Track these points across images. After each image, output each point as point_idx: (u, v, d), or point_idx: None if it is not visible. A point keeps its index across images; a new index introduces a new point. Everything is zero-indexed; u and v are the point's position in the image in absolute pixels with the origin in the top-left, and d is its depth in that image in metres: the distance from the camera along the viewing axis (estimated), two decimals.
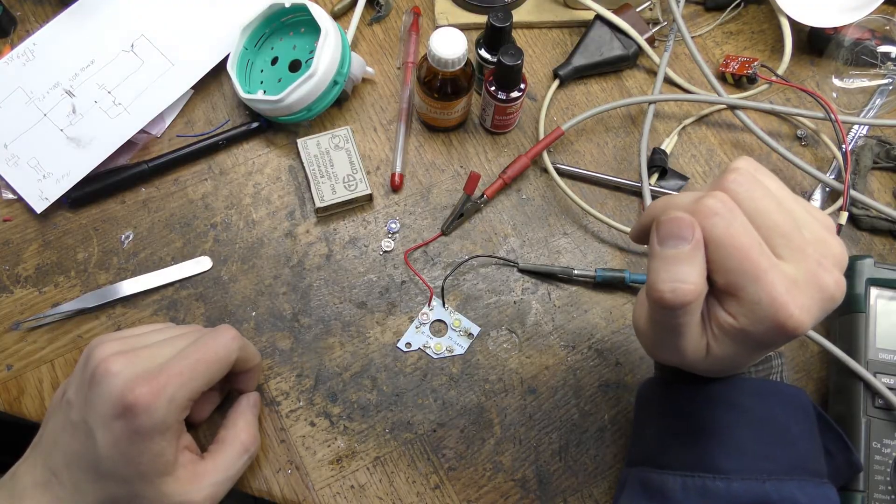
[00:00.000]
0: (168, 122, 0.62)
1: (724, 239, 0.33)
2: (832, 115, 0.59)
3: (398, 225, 0.60)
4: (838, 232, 0.57)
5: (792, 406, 0.41)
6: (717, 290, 0.35)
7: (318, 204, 0.58)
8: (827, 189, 0.63)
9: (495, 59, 0.56)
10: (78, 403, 0.44)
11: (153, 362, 0.44)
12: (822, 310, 0.35)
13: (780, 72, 0.65)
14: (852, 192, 0.59)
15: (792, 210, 0.36)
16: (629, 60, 0.65)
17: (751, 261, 0.33)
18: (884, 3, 0.63)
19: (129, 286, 0.57)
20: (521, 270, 0.59)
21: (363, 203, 0.60)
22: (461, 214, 0.59)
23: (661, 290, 0.34)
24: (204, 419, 0.52)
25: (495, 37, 0.58)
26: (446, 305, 0.57)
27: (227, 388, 0.53)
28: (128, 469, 0.43)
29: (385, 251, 0.59)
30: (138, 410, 0.41)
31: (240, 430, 0.49)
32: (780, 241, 0.34)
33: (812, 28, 0.66)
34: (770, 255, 0.34)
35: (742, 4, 0.69)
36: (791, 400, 0.41)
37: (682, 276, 0.33)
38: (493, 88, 0.58)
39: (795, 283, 0.33)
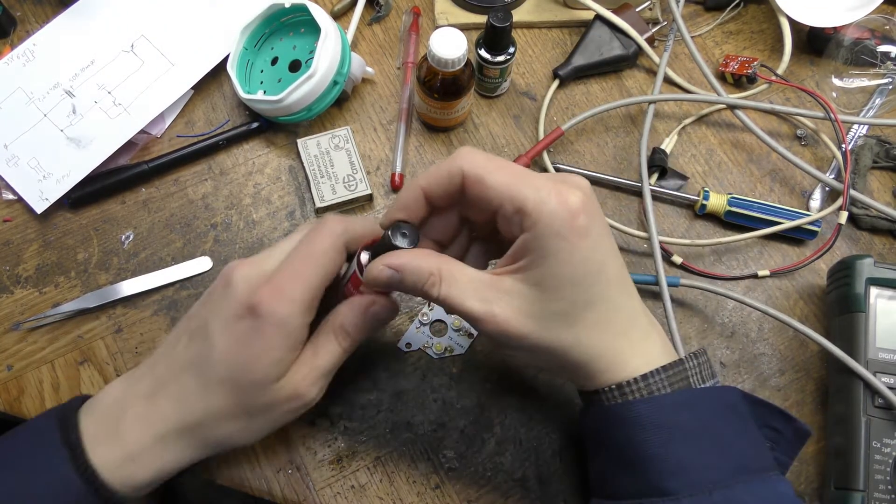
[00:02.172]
0: (168, 122, 0.62)
1: (491, 165, 0.40)
2: (832, 115, 0.59)
3: None
4: (838, 232, 0.57)
5: (720, 408, 0.40)
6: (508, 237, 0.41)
7: (319, 204, 0.58)
8: (827, 188, 0.63)
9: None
10: (201, 313, 0.44)
11: (271, 265, 0.43)
12: (590, 203, 0.39)
13: (779, 71, 0.65)
14: (852, 192, 0.59)
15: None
16: (629, 60, 0.65)
17: (517, 173, 0.39)
18: (883, 3, 0.63)
19: (130, 286, 0.57)
20: None
21: (363, 203, 0.60)
22: None
23: (425, 291, 0.41)
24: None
25: (495, 37, 0.58)
26: None
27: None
28: (241, 372, 0.42)
29: None
30: (261, 310, 0.41)
31: (341, 315, 0.46)
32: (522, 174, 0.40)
33: (812, 28, 0.66)
34: (538, 174, 0.40)
35: (741, 4, 0.69)
36: (716, 402, 0.41)
37: (420, 276, 0.40)
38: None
39: (555, 181, 0.39)
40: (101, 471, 0.42)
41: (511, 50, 0.60)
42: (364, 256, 0.44)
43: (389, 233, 0.42)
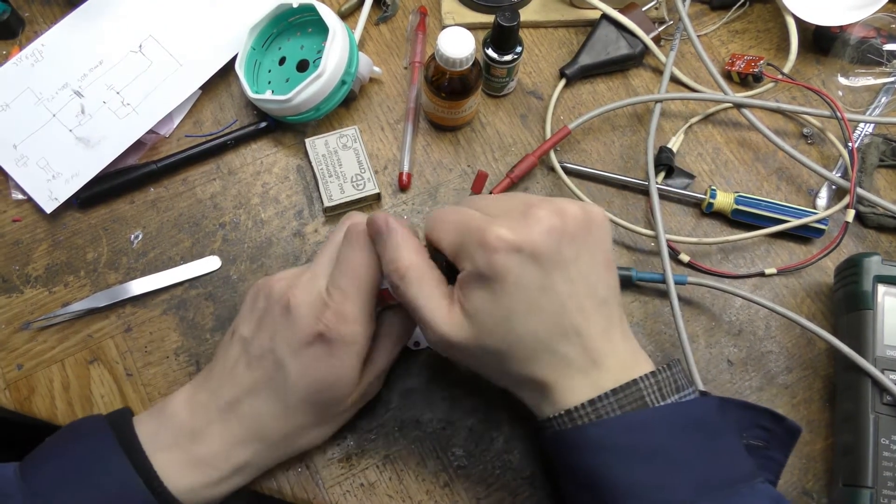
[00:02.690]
0: (176, 122, 0.62)
1: (436, 221, 0.42)
2: (838, 114, 0.59)
3: None
4: (844, 230, 0.57)
5: (678, 425, 0.39)
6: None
7: (327, 203, 0.59)
8: (833, 187, 0.63)
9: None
10: (260, 340, 0.46)
11: (322, 284, 0.45)
12: (537, 232, 0.39)
13: (785, 70, 0.65)
14: (859, 190, 0.59)
15: (509, 196, 0.43)
16: (635, 59, 0.66)
17: (464, 223, 0.41)
18: (889, 2, 0.63)
19: (139, 286, 0.57)
20: None
21: (371, 202, 0.61)
22: None
23: (386, 271, 0.43)
24: None
25: (502, 36, 0.58)
26: None
27: None
28: (321, 392, 0.45)
29: None
30: (331, 336, 0.43)
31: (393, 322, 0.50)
32: (490, 209, 0.42)
33: (817, 26, 0.66)
34: (481, 216, 0.41)
35: (747, 3, 0.69)
36: (674, 420, 0.39)
37: (394, 256, 0.42)
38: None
39: (501, 218, 0.40)
40: (181, 497, 0.44)
41: (518, 49, 0.60)
42: None
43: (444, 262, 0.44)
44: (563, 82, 0.65)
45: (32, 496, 0.42)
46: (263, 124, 0.62)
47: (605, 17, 0.65)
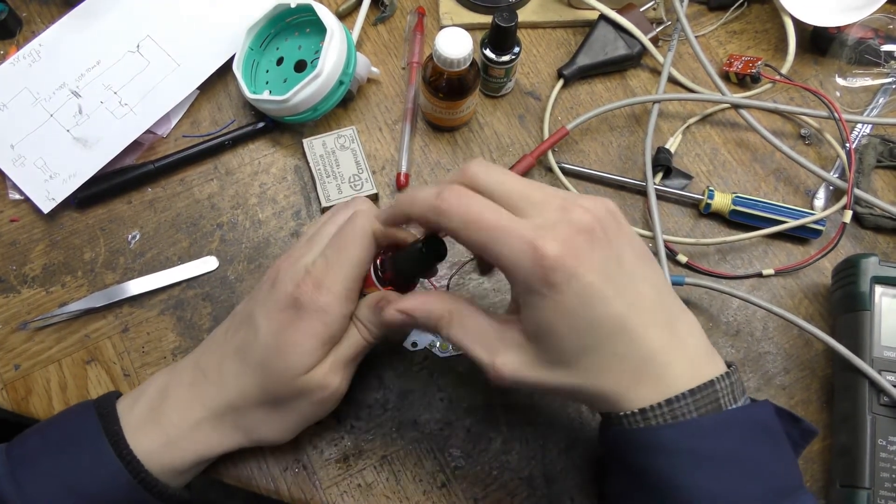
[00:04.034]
0: (174, 122, 0.62)
1: (467, 221, 0.37)
2: (836, 114, 0.59)
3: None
4: (842, 231, 0.57)
5: (751, 429, 0.38)
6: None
7: (324, 203, 0.59)
8: (831, 188, 0.63)
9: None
10: (247, 308, 0.47)
11: (311, 259, 0.45)
12: (581, 240, 0.36)
13: (783, 71, 0.65)
14: (856, 191, 0.59)
15: (527, 181, 0.39)
16: (633, 60, 0.66)
17: (497, 227, 0.37)
18: (887, 3, 0.63)
19: (136, 286, 0.57)
20: None
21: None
22: None
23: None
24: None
25: (500, 37, 0.58)
26: None
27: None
28: (275, 356, 0.44)
29: None
30: (303, 301, 0.43)
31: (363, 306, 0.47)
32: (520, 203, 0.38)
33: (815, 27, 0.66)
34: (512, 216, 0.37)
35: (745, 4, 0.69)
36: (748, 423, 0.39)
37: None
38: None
39: (542, 227, 0.36)
40: (143, 459, 0.44)
41: (516, 50, 0.60)
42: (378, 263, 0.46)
43: (422, 248, 0.43)
44: (560, 83, 0.65)
45: (13, 465, 0.44)
46: (261, 125, 0.62)
47: (603, 17, 0.65)
